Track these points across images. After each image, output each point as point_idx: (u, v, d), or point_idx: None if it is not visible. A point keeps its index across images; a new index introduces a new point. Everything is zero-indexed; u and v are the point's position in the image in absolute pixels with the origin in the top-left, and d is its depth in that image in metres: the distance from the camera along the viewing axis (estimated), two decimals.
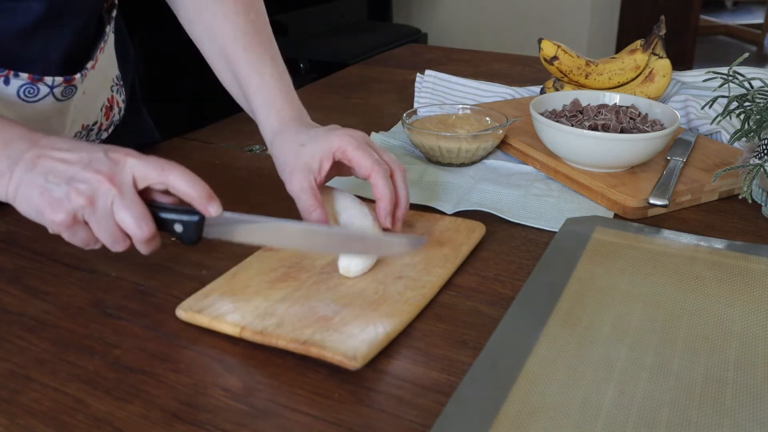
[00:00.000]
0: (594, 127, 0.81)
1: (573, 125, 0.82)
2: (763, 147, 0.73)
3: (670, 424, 0.46)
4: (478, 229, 0.71)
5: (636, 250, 0.67)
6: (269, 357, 0.54)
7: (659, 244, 0.68)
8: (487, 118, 0.93)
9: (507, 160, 0.90)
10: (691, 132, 0.93)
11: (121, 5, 0.89)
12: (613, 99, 0.90)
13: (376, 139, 0.95)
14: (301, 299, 0.59)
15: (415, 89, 1.15)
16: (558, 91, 1.05)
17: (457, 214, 0.75)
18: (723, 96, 0.78)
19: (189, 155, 0.95)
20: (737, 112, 0.76)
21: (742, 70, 0.93)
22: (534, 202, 0.78)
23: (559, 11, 3.26)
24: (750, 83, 0.77)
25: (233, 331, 0.55)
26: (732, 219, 0.75)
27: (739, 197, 0.74)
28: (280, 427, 0.47)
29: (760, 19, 5.08)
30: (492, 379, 0.50)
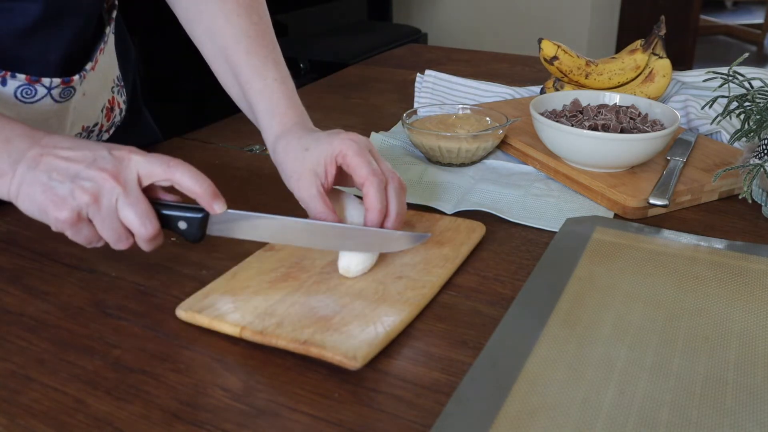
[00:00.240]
0: (594, 127, 0.81)
1: (573, 125, 0.82)
2: (763, 147, 0.73)
3: (670, 424, 0.46)
4: (478, 229, 0.71)
5: (636, 250, 0.67)
6: (269, 357, 0.54)
7: (659, 244, 0.68)
8: (487, 118, 0.93)
9: (507, 160, 0.90)
10: (691, 132, 0.93)
11: (121, 6, 0.89)
12: (613, 99, 0.90)
13: (376, 139, 0.95)
14: (301, 299, 0.59)
15: (415, 89, 1.15)
16: (558, 91, 1.05)
17: (457, 214, 0.75)
18: (723, 96, 0.78)
19: (189, 155, 0.95)
20: (737, 112, 0.76)
21: (742, 70, 0.93)
22: (534, 202, 0.78)
23: (559, 11, 3.26)
24: (750, 83, 0.77)
25: (233, 331, 0.55)
26: (732, 219, 0.75)
27: (739, 197, 0.74)
28: (280, 427, 0.47)
29: (760, 19, 5.08)
30: (492, 379, 0.50)
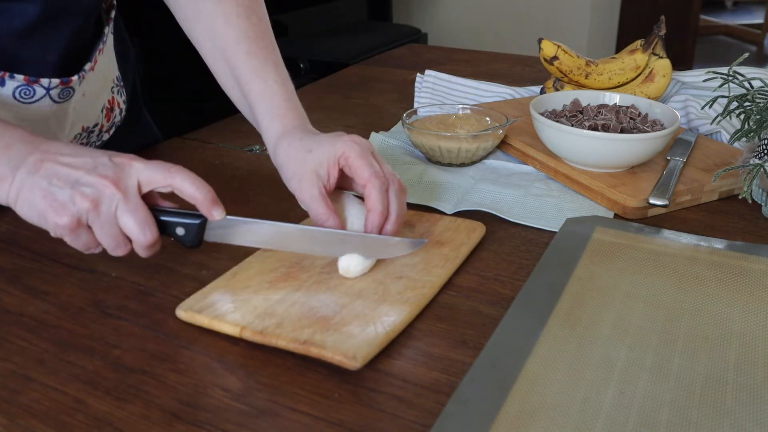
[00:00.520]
0: (594, 127, 0.81)
1: (573, 125, 0.82)
2: (763, 147, 0.73)
3: (670, 424, 0.46)
4: (478, 229, 0.71)
5: (636, 250, 0.67)
6: (269, 357, 0.54)
7: (659, 244, 0.68)
8: (487, 118, 0.93)
9: (507, 160, 0.90)
10: (691, 132, 0.93)
11: (120, 6, 0.89)
12: (613, 99, 0.90)
13: (376, 139, 0.95)
14: (301, 299, 0.59)
15: (415, 89, 1.15)
16: (558, 91, 1.05)
17: (457, 214, 0.75)
18: (723, 96, 0.78)
19: (189, 155, 0.95)
20: (737, 112, 0.76)
21: (742, 70, 0.93)
22: (534, 202, 0.78)
23: (559, 11, 3.26)
24: (750, 83, 0.77)
25: (233, 331, 0.55)
26: (732, 219, 0.75)
27: (739, 197, 0.74)
28: (280, 427, 0.47)
29: (760, 19, 5.08)
30: (492, 379, 0.50)
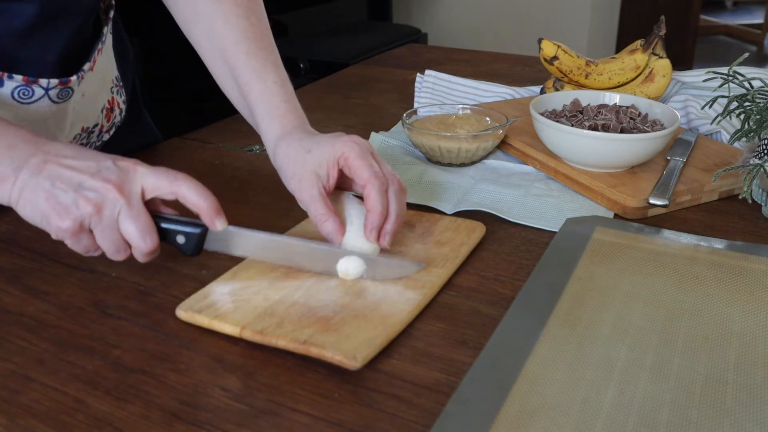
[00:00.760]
0: (594, 127, 0.81)
1: (573, 125, 0.82)
2: (763, 147, 0.73)
3: (670, 424, 0.46)
4: (478, 229, 0.71)
5: (636, 250, 0.67)
6: (269, 357, 0.54)
7: (659, 244, 0.68)
8: (487, 118, 0.93)
9: (507, 160, 0.90)
10: (691, 132, 0.93)
11: (120, 6, 0.89)
12: (613, 99, 0.90)
13: (375, 139, 0.95)
14: (301, 299, 0.59)
15: (415, 89, 1.15)
16: (558, 91, 1.05)
17: (457, 214, 0.75)
18: (723, 96, 0.78)
19: (189, 155, 0.95)
20: (737, 112, 0.76)
21: (742, 70, 0.93)
22: (534, 202, 0.78)
23: (559, 11, 3.26)
24: (750, 83, 0.77)
25: (233, 331, 0.55)
26: (732, 219, 0.75)
27: (739, 197, 0.74)
28: (280, 427, 0.47)
29: (760, 19, 5.08)
30: (492, 379, 0.50)
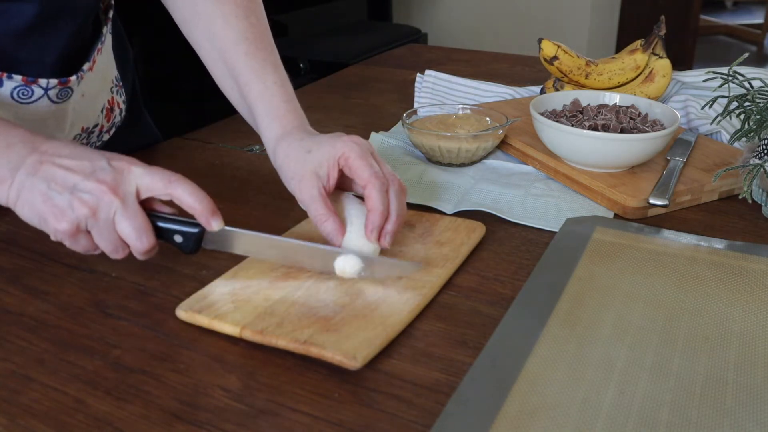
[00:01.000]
0: (594, 127, 0.81)
1: (573, 125, 0.82)
2: (763, 147, 0.73)
3: (670, 424, 0.46)
4: (478, 229, 0.71)
5: (636, 250, 0.67)
6: (269, 357, 0.54)
7: (659, 244, 0.68)
8: (487, 118, 0.93)
9: (507, 160, 0.90)
10: (691, 132, 0.93)
11: (120, 6, 0.89)
12: (613, 99, 0.90)
13: (375, 139, 0.95)
14: (301, 299, 0.59)
15: (415, 89, 1.15)
16: (558, 91, 1.05)
17: (457, 214, 0.75)
18: (723, 96, 0.78)
19: (189, 155, 0.95)
20: (737, 112, 0.76)
21: (742, 70, 0.93)
22: (534, 202, 0.78)
23: (559, 11, 3.26)
24: (750, 83, 0.77)
25: (233, 331, 0.55)
26: (732, 219, 0.75)
27: (739, 197, 0.74)
28: (280, 427, 0.47)
29: (760, 19, 5.08)
30: (492, 379, 0.50)
